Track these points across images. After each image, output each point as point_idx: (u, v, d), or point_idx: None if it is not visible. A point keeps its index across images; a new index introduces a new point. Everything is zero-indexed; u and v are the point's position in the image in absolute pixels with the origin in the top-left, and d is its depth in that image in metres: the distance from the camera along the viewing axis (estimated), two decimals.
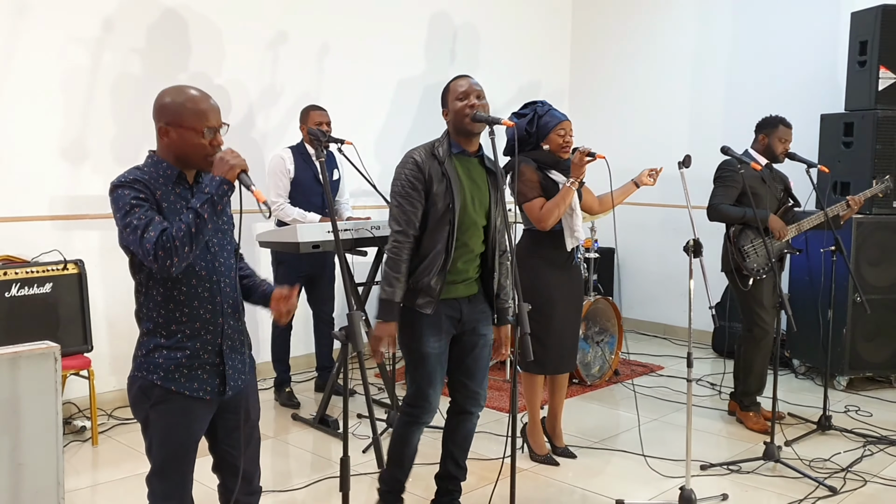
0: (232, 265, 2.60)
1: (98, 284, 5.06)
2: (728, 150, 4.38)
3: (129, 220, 2.36)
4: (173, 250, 2.30)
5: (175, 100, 2.50)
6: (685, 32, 7.45)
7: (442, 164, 3.32)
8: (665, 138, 7.47)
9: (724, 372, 5.71)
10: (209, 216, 2.35)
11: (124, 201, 2.39)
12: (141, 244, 2.32)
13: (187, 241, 2.32)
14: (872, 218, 5.71)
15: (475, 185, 3.41)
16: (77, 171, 5.05)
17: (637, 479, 4.23)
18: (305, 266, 5.24)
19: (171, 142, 2.50)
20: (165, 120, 2.50)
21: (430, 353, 3.37)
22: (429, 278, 3.31)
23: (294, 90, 5.98)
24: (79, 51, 5.00)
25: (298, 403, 5.37)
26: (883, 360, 5.81)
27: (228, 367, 2.57)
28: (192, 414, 2.55)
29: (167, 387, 2.49)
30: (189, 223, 2.32)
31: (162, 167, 2.51)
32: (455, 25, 7.13)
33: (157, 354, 2.51)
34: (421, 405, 3.46)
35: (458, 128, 3.35)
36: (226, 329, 2.56)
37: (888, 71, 5.65)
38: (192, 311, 2.50)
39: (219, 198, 2.37)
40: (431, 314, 3.33)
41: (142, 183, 2.43)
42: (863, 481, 4.15)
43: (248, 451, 2.73)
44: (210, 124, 2.48)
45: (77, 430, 4.76)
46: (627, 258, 7.84)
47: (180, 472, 2.59)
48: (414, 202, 3.30)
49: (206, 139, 2.48)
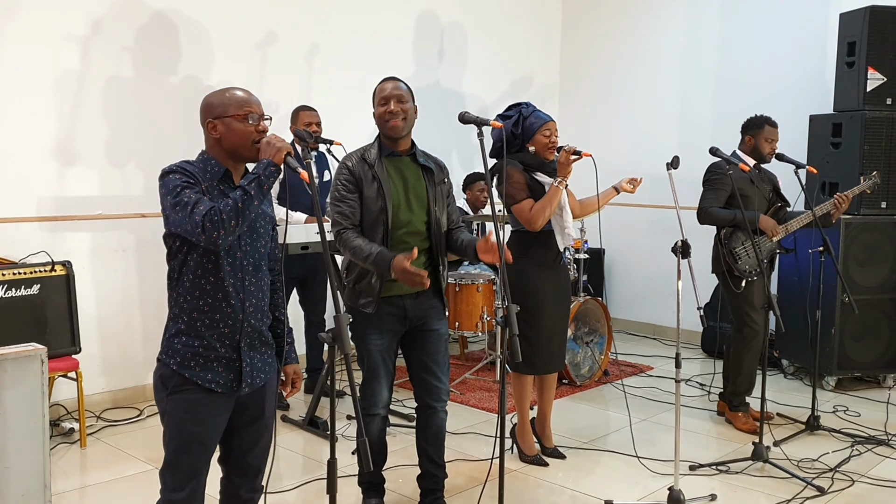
0: (261, 267, 2.67)
1: (86, 286, 5.04)
2: (717, 152, 4.39)
3: (179, 199, 2.45)
4: (220, 223, 2.39)
5: (218, 96, 2.63)
6: (674, 32, 7.46)
7: (372, 166, 3.43)
8: (654, 138, 7.49)
9: (714, 372, 5.72)
10: (255, 193, 2.44)
11: (174, 184, 2.48)
12: (190, 218, 2.41)
13: (234, 216, 2.41)
14: (860, 218, 5.73)
15: (409, 184, 3.49)
16: (65, 172, 5.03)
17: (626, 480, 4.23)
18: (296, 268, 5.24)
19: (219, 135, 2.59)
20: (212, 115, 2.60)
21: (373, 349, 3.49)
22: (368, 278, 3.42)
23: (284, 91, 5.96)
24: (68, 52, 4.99)
25: (288, 405, 5.35)
26: (871, 359, 5.83)
27: (246, 363, 2.62)
28: (206, 406, 2.58)
29: (182, 373, 2.55)
30: (236, 199, 2.43)
31: (210, 164, 2.61)
32: (442, 24, 7.13)
33: (176, 340, 2.58)
34: (368, 398, 3.57)
35: (380, 129, 3.48)
36: (245, 327, 2.61)
37: (876, 72, 5.68)
38: (215, 301, 2.56)
39: (265, 177, 2.46)
40: (372, 313, 3.43)
41: (189, 171, 2.53)
42: (851, 481, 4.16)
43: (258, 447, 2.76)
44: (252, 110, 2.59)
45: (65, 433, 4.74)
46: (616, 259, 7.85)
47: (192, 466, 2.60)
48: (350, 202, 3.41)
49: (251, 125, 2.57)
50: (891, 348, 5.83)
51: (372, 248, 3.31)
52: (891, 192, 5.74)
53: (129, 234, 5.29)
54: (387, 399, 3.62)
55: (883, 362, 5.85)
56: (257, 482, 2.80)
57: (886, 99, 5.71)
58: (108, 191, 5.19)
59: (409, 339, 3.58)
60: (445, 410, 3.69)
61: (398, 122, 3.41)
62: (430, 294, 3.55)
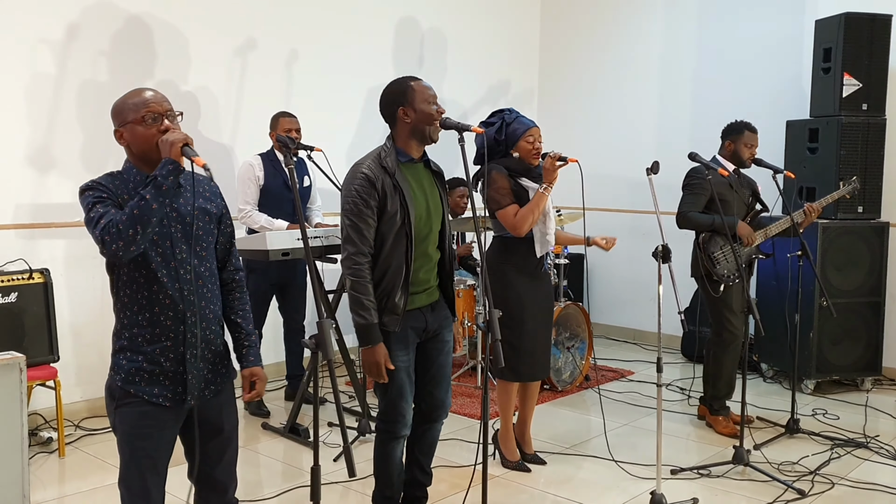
0: (202, 274, 2.58)
1: (64, 294, 4.99)
2: (696, 157, 4.41)
3: (90, 216, 2.40)
4: (118, 234, 2.31)
5: (119, 103, 2.55)
6: (652, 38, 7.50)
7: (393, 175, 3.22)
8: (633, 143, 7.53)
9: (694, 377, 5.75)
10: (152, 197, 2.33)
11: (87, 201, 2.44)
12: (93, 233, 2.37)
13: (130, 225, 2.31)
14: (838, 223, 5.78)
15: (427, 191, 3.36)
16: (42, 179, 4.98)
17: (608, 485, 4.24)
18: (276, 274, 5.22)
19: (127, 144, 2.54)
20: (117, 123, 2.54)
21: (400, 367, 3.32)
22: (393, 296, 3.24)
23: (263, 97, 5.94)
24: (43, 58, 4.94)
25: (268, 412, 5.33)
26: (849, 363, 5.87)
27: (191, 375, 2.55)
28: (153, 419, 2.53)
29: (127, 389, 2.51)
30: (132, 206, 2.34)
31: (132, 173, 2.54)
32: (422, 30, 7.13)
33: (121, 356, 2.54)
34: (395, 419, 3.41)
35: (420, 131, 3.26)
36: (188, 338, 2.54)
37: (852, 78, 5.73)
38: (153, 316, 2.50)
39: (163, 177, 2.35)
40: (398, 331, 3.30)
41: (104, 186, 2.47)
42: (831, 484, 4.19)
43: (222, 463, 2.71)
44: (150, 110, 2.48)
45: (43, 442, 4.69)
46: (597, 264, 7.87)
47: (142, 479, 2.55)
48: (367, 219, 3.20)
49: (151, 126, 2.47)
50: (868, 351, 5.88)
51: (371, 314, 3.17)
52: (867, 197, 5.80)
53: None
54: (411, 418, 3.47)
55: (860, 365, 5.89)
56: (228, 497, 2.76)
57: (862, 104, 5.77)
58: None
59: (423, 350, 3.45)
60: (442, 423, 3.64)
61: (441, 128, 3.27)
62: (443, 304, 3.50)
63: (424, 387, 3.51)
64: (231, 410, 2.74)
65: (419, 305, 3.37)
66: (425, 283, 3.38)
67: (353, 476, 2.41)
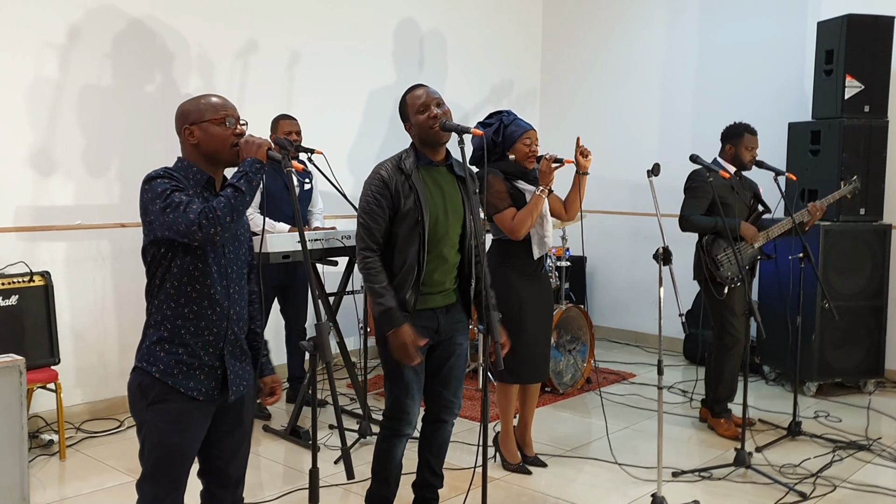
0: (243, 275, 2.68)
1: (65, 296, 4.99)
2: (697, 159, 4.40)
3: (170, 201, 2.43)
4: (216, 220, 2.39)
5: (193, 103, 2.63)
6: (654, 40, 7.50)
7: (409, 177, 3.27)
8: (634, 145, 7.52)
9: (696, 379, 5.74)
10: (246, 189, 2.47)
11: (162, 188, 2.46)
12: (184, 216, 2.40)
13: (228, 212, 2.42)
14: (840, 225, 5.77)
15: (446, 194, 3.37)
16: (43, 181, 4.98)
17: (609, 487, 4.23)
18: (277, 276, 5.22)
19: (196, 141, 2.59)
20: (188, 122, 2.60)
21: (407, 365, 3.33)
22: (403, 293, 3.27)
23: (264, 100, 5.94)
24: (45, 60, 4.94)
25: (269, 415, 5.32)
26: (851, 365, 5.86)
27: (230, 371, 2.60)
28: (189, 416, 2.56)
29: (164, 381, 2.52)
30: (228, 195, 2.45)
31: (192, 171, 2.60)
32: (423, 32, 7.13)
33: (158, 348, 2.55)
34: (400, 417, 3.43)
35: (425, 139, 3.31)
36: (229, 334, 2.60)
37: (854, 80, 5.72)
38: (200, 309, 2.54)
39: (253, 174, 2.50)
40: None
41: (176, 175, 2.54)
42: (832, 486, 4.18)
43: (237, 457, 2.73)
44: (229, 114, 2.60)
45: (44, 444, 4.69)
46: (598, 266, 7.86)
47: (174, 477, 2.58)
48: (377, 218, 3.26)
49: (228, 128, 2.58)
50: (870, 354, 5.87)
51: (387, 299, 3.20)
52: (870, 199, 5.79)
53: (108, 244, 5.24)
54: (417, 417, 3.49)
55: (863, 368, 5.88)
56: (238, 493, 2.78)
57: (864, 106, 5.76)
58: (86, 200, 5.14)
59: (435, 352, 3.46)
60: (454, 423, 3.64)
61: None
62: (460, 308, 3.49)
63: (434, 387, 3.52)
64: (251, 406, 2.77)
65: (433, 306, 3.38)
66: (440, 284, 3.38)
67: (351, 479, 2.40)
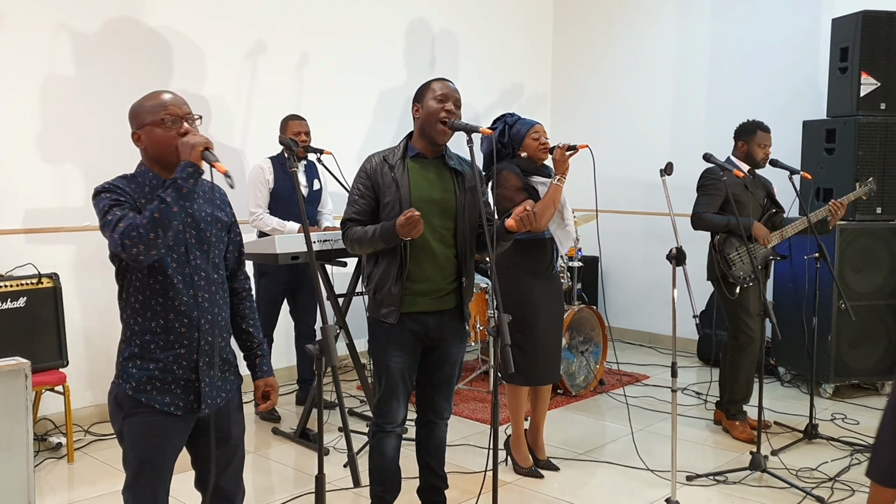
0: (215, 280, 2.56)
1: (73, 298, 4.98)
2: (710, 157, 4.35)
3: (106, 220, 2.36)
4: (138, 238, 2.27)
5: (136, 105, 2.53)
6: (666, 39, 7.44)
7: (393, 168, 3.29)
8: (647, 144, 7.47)
9: (710, 381, 5.68)
10: (173, 200, 2.31)
11: (102, 204, 2.39)
12: (111, 237, 2.32)
13: (151, 228, 2.28)
14: (856, 224, 5.70)
15: (434, 187, 3.31)
16: (52, 183, 4.97)
17: (623, 491, 4.18)
18: (287, 278, 5.20)
19: (145, 146, 2.50)
20: (134, 126, 2.51)
21: (393, 367, 3.34)
22: (388, 286, 3.27)
23: (275, 100, 5.92)
24: (57, 63, 4.93)
25: (279, 417, 5.29)
26: (868, 366, 5.78)
27: (204, 383, 2.51)
28: (163, 429, 2.50)
29: (137, 398, 2.46)
30: (153, 209, 2.30)
31: (148, 176, 2.51)
32: (434, 32, 7.10)
33: (130, 364, 2.49)
34: (385, 415, 3.45)
35: (425, 129, 3.29)
36: (202, 345, 2.50)
37: (869, 77, 5.65)
38: (167, 322, 2.46)
39: (182, 180, 2.33)
40: (395, 325, 3.29)
41: (120, 188, 2.43)
42: (851, 491, 4.10)
43: (229, 471, 2.67)
44: (169, 112, 2.46)
45: (53, 447, 4.67)
46: (611, 267, 7.81)
47: (151, 488, 2.53)
48: (362, 205, 3.32)
49: (170, 129, 2.45)
50: (888, 354, 5.79)
51: (373, 228, 3.21)
52: (886, 198, 5.71)
53: None
54: (404, 416, 3.48)
55: (880, 369, 5.80)
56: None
57: (880, 104, 5.68)
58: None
59: (428, 357, 3.43)
60: (447, 423, 3.61)
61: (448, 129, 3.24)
62: (454, 314, 3.42)
63: (426, 390, 3.52)
64: (238, 418, 2.70)
65: (422, 309, 3.33)
66: (434, 281, 3.32)
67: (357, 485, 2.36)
